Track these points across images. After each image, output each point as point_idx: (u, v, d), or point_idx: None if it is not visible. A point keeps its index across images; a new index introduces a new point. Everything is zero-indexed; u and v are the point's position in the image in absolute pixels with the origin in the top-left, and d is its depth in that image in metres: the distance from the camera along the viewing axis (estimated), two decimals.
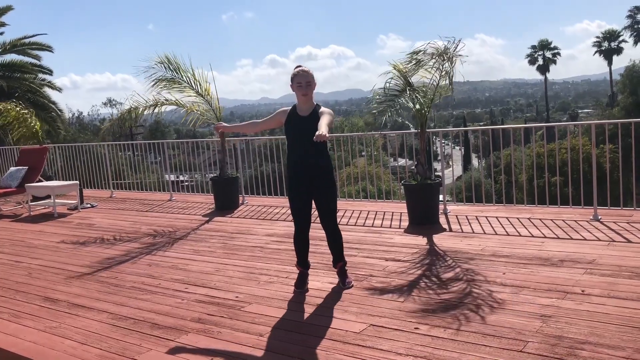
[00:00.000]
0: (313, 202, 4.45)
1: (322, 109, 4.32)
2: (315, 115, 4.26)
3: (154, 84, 8.29)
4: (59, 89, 21.89)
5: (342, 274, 4.57)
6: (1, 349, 3.78)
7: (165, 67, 8.31)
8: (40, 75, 20.75)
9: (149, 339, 3.74)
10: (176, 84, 8.39)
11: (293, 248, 5.64)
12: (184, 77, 8.41)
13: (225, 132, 4.67)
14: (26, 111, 11.07)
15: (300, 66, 4.38)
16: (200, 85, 8.48)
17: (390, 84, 6.54)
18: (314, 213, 4.49)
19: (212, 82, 8.59)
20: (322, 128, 3.88)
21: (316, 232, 5.94)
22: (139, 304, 4.47)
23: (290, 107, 4.43)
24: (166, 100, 8.55)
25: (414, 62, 6.36)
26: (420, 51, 6.32)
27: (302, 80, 4.28)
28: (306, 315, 4.01)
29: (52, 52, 20.64)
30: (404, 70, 6.45)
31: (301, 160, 4.32)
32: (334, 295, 4.32)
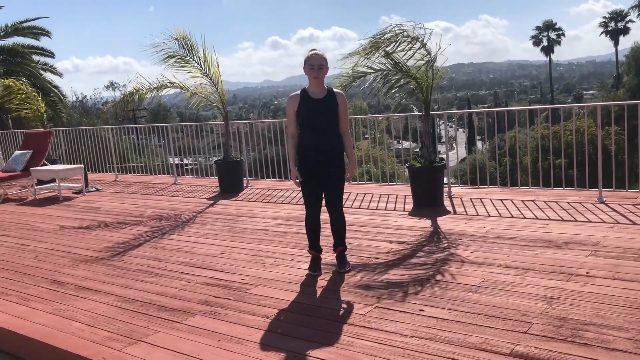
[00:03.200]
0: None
1: (337, 90, 4.37)
2: (331, 99, 4.27)
3: (164, 59, 8.22)
4: (60, 74, 21.84)
5: (342, 258, 4.57)
6: (10, 331, 3.82)
7: (179, 45, 8.24)
8: (42, 59, 20.71)
9: (156, 321, 3.78)
10: (185, 63, 8.33)
11: (298, 231, 5.69)
12: (195, 58, 8.35)
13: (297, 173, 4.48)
14: (34, 92, 11.09)
15: (314, 49, 4.35)
16: (209, 67, 8.42)
17: (366, 63, 6.48)
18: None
19: (218, 65, 8.55)
20: (354, 167, 4.40)
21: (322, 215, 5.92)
22: (145, 286, 4.50)
23: (299, 91, 4.38)
24: (170, 82, 8.51)
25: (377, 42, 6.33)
26: (385, 32, 6.32)
27: (315, 63, 4.27)
28: (312, 297, 4.04)
29: (50, 37, 20.54)
30: (384, 48, 6.36)
31: (316, 143, 4.31)
32: (339, 277, 4.35)
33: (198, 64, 8.38)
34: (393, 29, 6.27)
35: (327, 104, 4.26)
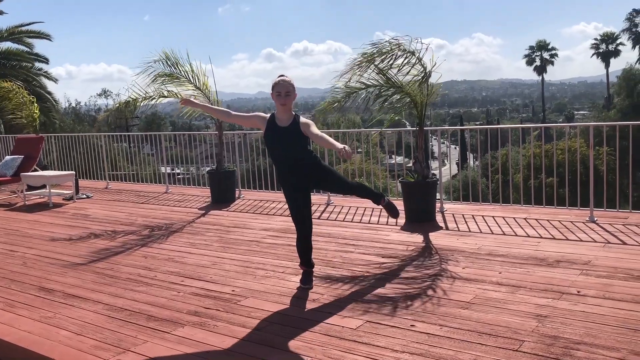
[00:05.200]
0: (316, 192, 4.51)
1: (302, 119, 4.28)
2: (295, 126, 4.23)
3: (153, 80, 8.27)
4: (55, 80, 21.80)
5: (389, 206, 4.79)
6: None
7: (163, 64, 8.28)
8: (37, 65, 20.67)
9: (145, 330, 3.74)
10: (174, 79, 8.36)
11: (289, 243, 5.68)
12: (182, 72, 8.38)
13: (191, 107, 4.90)
14: (31, 97, 11.05)
15: (282, 75, 4.33)
16: (198, 79, 8.45)
17: (359, 79, 6.47)
18: (317, 210, 4.48)
19: (210, 76, 8.58)
20: (337, 144, 3.92)
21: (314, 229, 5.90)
22: (134, 295, 4.46)
23: (268, 115, 4.38)
24: (168, 91, 8.50)
25: (376, 53, 6.31)
26: (378, 45, 6.31)
27: (282, 90, 4.23)
28: (303, 310, 4.02)
29: (51, 40, 20.57)
30: (376, 64, 6.36)
31: (291, 167, 4.34)
32: (331, 291, 4.33)
33: (186, 78, 8.38)
34: (389, 44, 6.28)
35: (292, 132, 4.23)
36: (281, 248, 5.65)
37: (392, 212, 4.85)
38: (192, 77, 8.42)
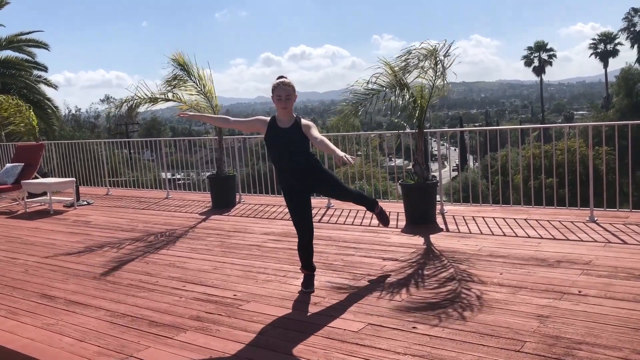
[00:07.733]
0: (316, 196, 4.53)
1: (304, 121, 4.30)
2: (297, 127, 4.25)
3: (169, 82, 8.28)
4: (55, 86, 21.81)
5: (381, 214, 4.92)
6: None
7: (180, 68, 8.31)
8: (36, 72, 20.69)
9: (147, 336, 3.74)
10: (183, 82, 8.39)
11: (290, 247, 5.70)
12: (191, 77, 8.41)
13: (191, 119, 5.05)
14: (25, 106, 11.05)
15: (281, 77, 4.34)
16: (204, 85, 8.47)
17: (377, 81, 6.47)
18: (317, 213, 4.49)
19: (212, 81, 8.59)
20: (338, 151, 3.88)
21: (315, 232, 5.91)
22: (136, 301, 4.47)
23: (269, 118, 4.39)
24: (173, 94, 8.50)
25: (404, 62, 6.35)
26: (411, 51, 6.33)
27: (282, 94, 4.24)
28: (305, 313, 4.02)
29: (49, 49, 20.58)
30: (395, 68, 6.39)
31: (291, 169, 4.35)
32: (332, 294, 4.33)
33: (194, 82, 8.41)
34: (420, 53, 6.26)
35: (293, 133, 4.25)
36: (282, 252, 5.66)
37: (384, 220, 4.97)
38: (199, 82, 8.45)
